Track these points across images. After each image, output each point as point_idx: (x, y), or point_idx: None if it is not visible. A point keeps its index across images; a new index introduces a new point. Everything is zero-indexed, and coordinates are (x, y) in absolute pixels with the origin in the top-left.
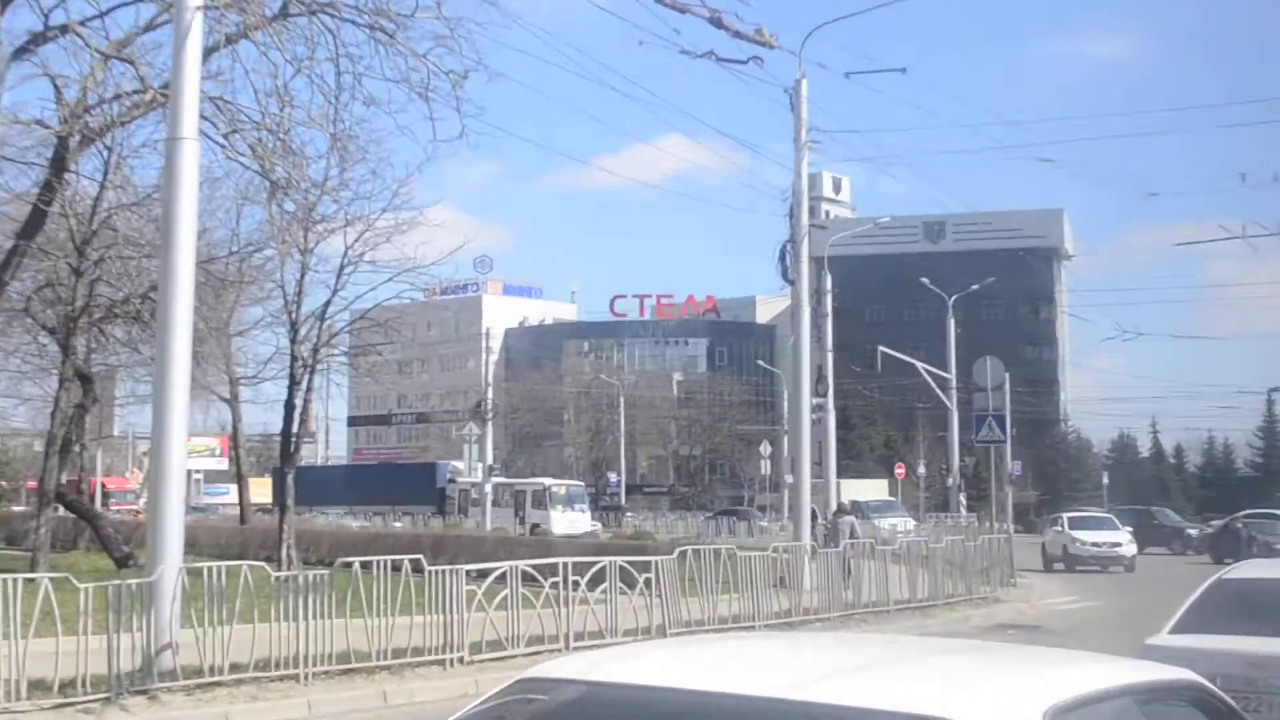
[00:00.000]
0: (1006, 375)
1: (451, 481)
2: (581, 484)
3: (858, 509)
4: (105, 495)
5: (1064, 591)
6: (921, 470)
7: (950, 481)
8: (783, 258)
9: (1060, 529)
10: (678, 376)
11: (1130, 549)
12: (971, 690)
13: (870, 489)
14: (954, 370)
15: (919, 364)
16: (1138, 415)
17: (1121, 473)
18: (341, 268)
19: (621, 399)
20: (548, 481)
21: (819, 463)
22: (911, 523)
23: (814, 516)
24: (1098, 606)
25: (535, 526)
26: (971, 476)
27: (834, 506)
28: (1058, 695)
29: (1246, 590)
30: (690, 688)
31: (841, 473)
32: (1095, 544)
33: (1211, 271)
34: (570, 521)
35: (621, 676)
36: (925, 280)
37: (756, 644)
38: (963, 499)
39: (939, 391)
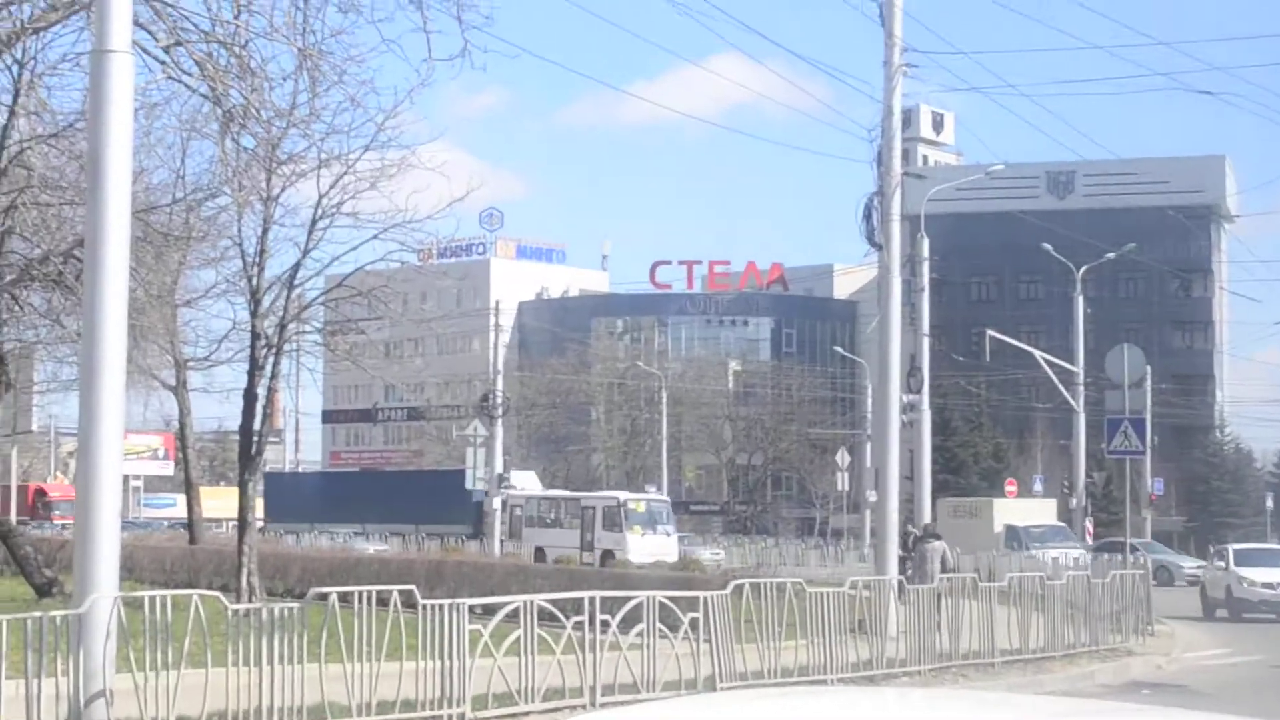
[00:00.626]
0: (1148, 369)
1: (487, 495)
2: (667, 499)
3: (1013, 536)
4: (44, 505)
5: (1213, 643)
6: (1038, 488)
7: (1074, 503)
8: (868, 216)
9: (1224, 565)
10: (734, 365)
11: None
12: None
13: (1032, 510)
14: (1081, 362)
15: (1037, 353)
16: None
17: None
18: (314, 221)
19: (664, 393)
20: (622, 495)
21: (910, 477)
22: (1085, 554)
23: (907, 543)
24: (1257, 663)
25: (608, 554)
26: (1101, 496)
27: (916, 529)
28: None
29: None
30: None
31: (941, 490)
32: (1270, 585)
33: None
34: (652, 547)
35: None
36: (1048, 246)
37: (834, 701)
38: (1089, 524)
39: (1062, 389)
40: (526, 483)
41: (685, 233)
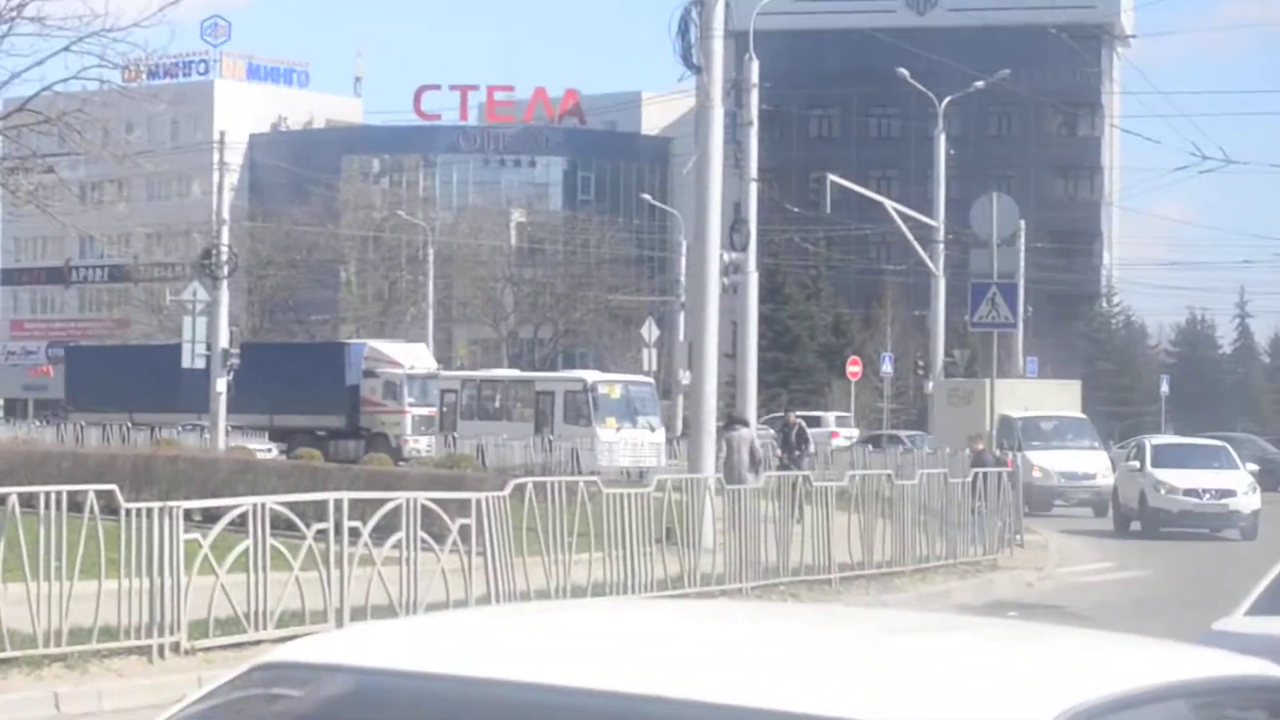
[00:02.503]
0: (1022, 224)
1: (371, 375)
2: (650, 381)
3: (1009, 431)
4: None
5: (1093, 555)
6: (887, 368)
7: (930, 386)
8: (684, 31)
9: (1139, 466)
10: (518, 216)
11: (1250, 500)
12: (947, 688)
13: (1042, 395)
14: (943, 215)
15: (889, 203)
16: (1218, 289)
17: (1191, 377)
18: None
19: (431, 250)
20: (591, 376)
21: (732, 354)
22: (1106, 462)
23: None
24: (1145, 579)
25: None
26: (963, 379)
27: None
28: (1078, 694)
29: None
30: (519, 679)
31: (770, 368)
32: (1192, 491)
33: None
34: (630, 445)
35: (415, 661)
36: (904, 72)
37: (624, 616)
38: None
39: (918, 247)
40: (416, 359)
41: (459, 52)
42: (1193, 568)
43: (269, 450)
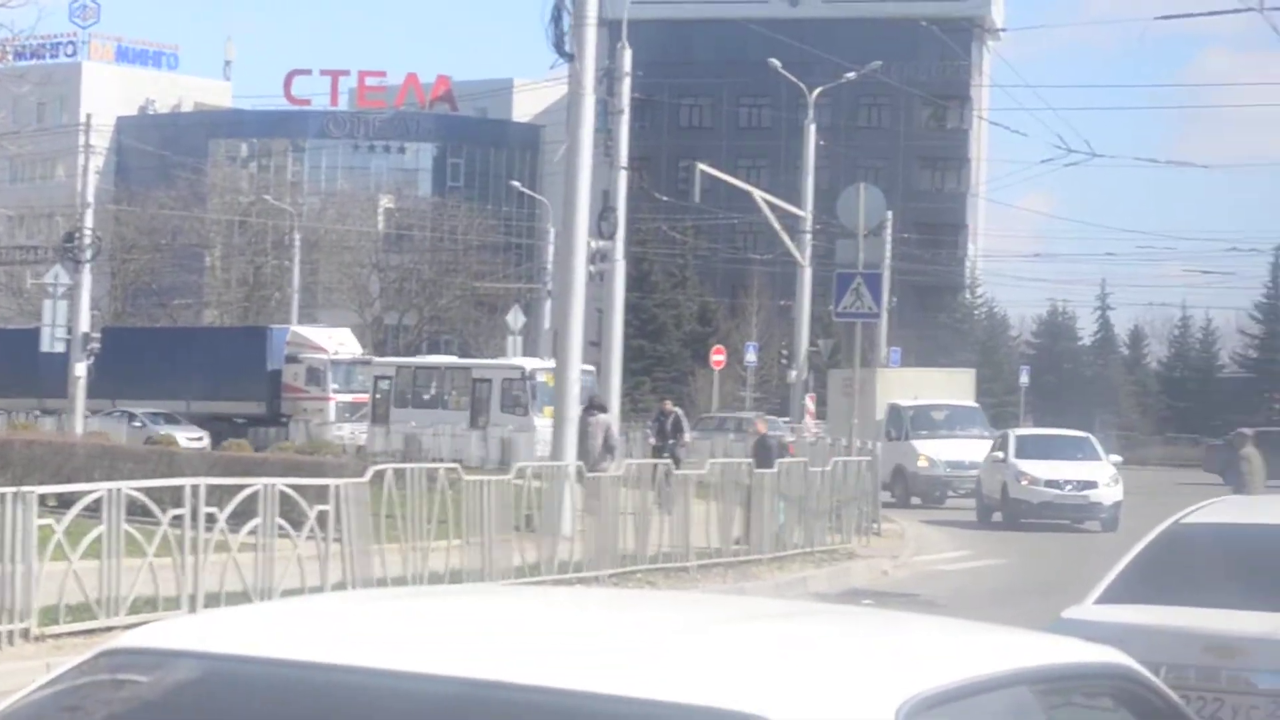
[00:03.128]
0: (889, 214)
1: (294, 360)
2: (592, 369)
3: (896, 420)
4: None
5: (950, 544)
6: (751, 358)
7: (793, 375)
8: (556, 19)
9: (1003, 457)
10: (386, 202)
11: (1111, 492)
12: (789, 672)
13: (935, 384)
14: (811, 205)
15: (757, 193)
16: (1080, 281)
17: (1050, 369)
18: None
19: (297, 235)
20: (530, 364)
21: (597, 342)
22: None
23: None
24: (1001, 568)
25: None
26: (826, 368)
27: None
28: (919, 683)
29: (1212, 542)
30: (365, 665)
31: (636, 356)
32: (1054, 483)
33: (1205, 65)
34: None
35: (264, 647)
36: (775, 63)
37: (475, 603)
38: (809, 402)
39: (784, 237)
40: (341, 344)
41: (329, 36)
42: (1050, 558)
43: (200, 439)
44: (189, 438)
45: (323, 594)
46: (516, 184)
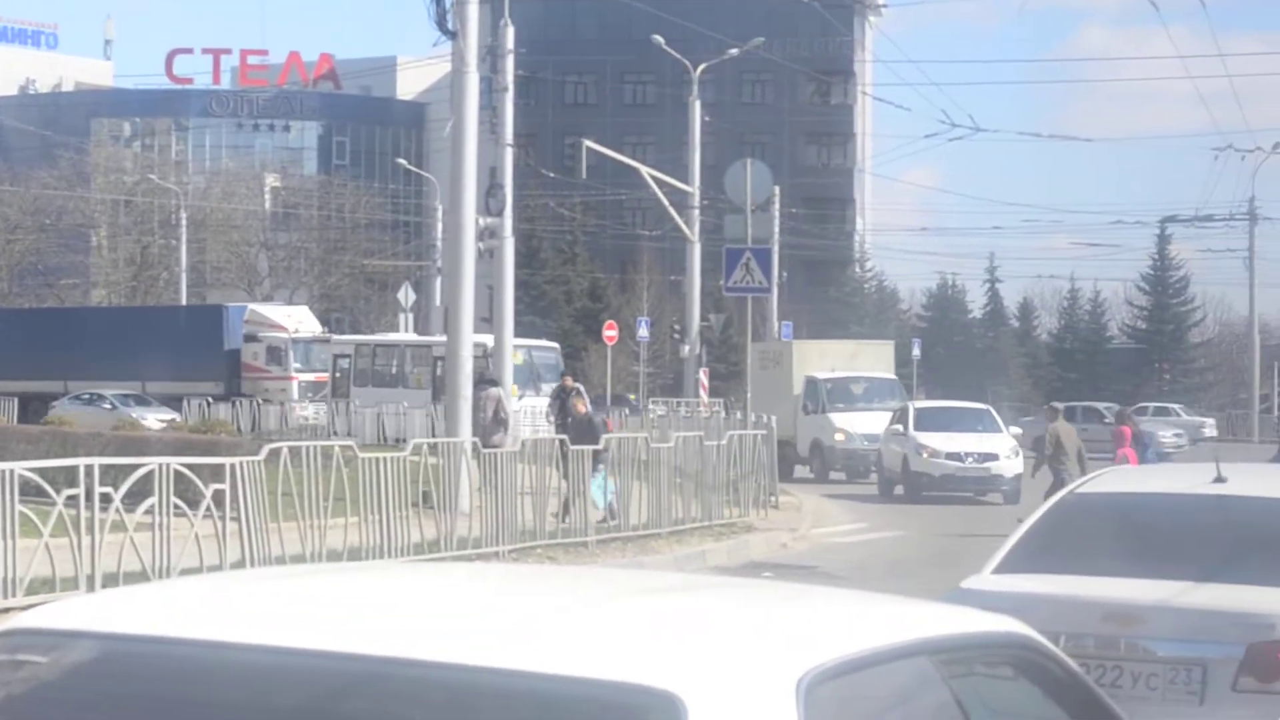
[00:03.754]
0: (776, 190)
1: (252, 339)
2: (555, 346)
3: (814, 393)
4: None
5: (848, 517)
6: (644, 333)
7: (686, 350)
8: None
9: (902, 429)
10: (272, 180)
11: (1013, 465)
12: (690, 645)
13: (854, 356)
14: (698, 181)
15: (644, 169)
16: (968, 255)
17: (941, 341)
18: None
19: (184, 214)
20: (491, 341)
21: (488, 318)
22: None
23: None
24: (899, 540)
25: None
26: (719, 343)
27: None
28: (819, 655)
29: (1108, 510)
30: (264, 643)
31: (527, 333)
32: (955, 455)
33: (1084, 39)
34: (533, 412)
35: (161, 626)
36: (659, 39)
37: (371, 580)
38: (704, 377)
39: (673, 213)
40: (300, 322)
41: (211, 14)
42: (949, 530)
43: (173, 419)
44: (160, 419)
45: (221, 572)
46: (403, 162)
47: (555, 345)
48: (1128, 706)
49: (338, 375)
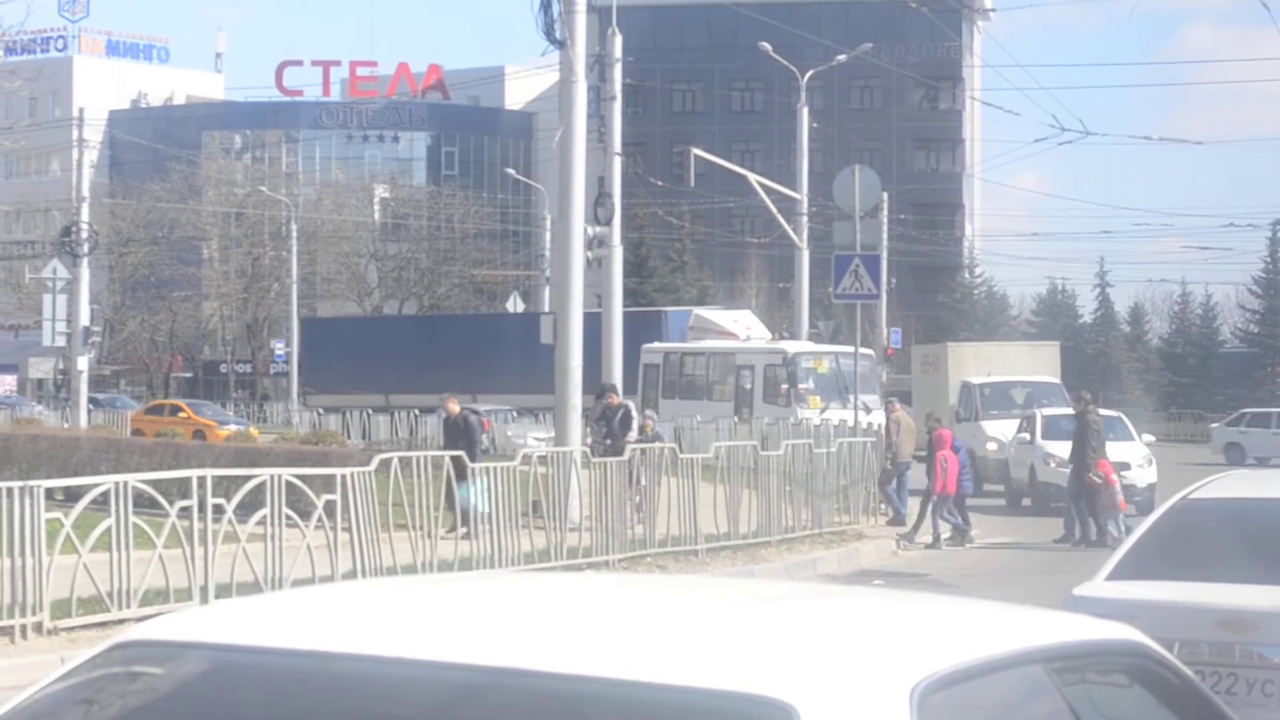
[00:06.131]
0: (885, 196)
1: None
2: (870, 353)
3: (968, 399)
4: None
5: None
6: None
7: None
8: (546, 5)
9: (1030, 438)
10: (382, 191)
11: (1145, 474)
12: (804, 654)
13: (1015, 359)
14: (806, 188)
15: (753, 177)
16: (1078, 259)
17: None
18: None
19: (294, 225)
20: (792, 347)
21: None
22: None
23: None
24: (1011, 548)
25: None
26: (934, 345)
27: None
28: (933, 663)
29: (1221, 516)
30: (379, 654)
31: (633, 340)
32: None
33: (1192, 41)
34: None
35: (274, 637)
36: (766, 46)
37: (484, 590)
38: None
39: (782, 220)
40: (749, 328)
41: (320, 26)
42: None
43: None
44: (536, 438)
45: (334, 583)
46: (511, 171)
47: (869, 352)
48: (1243, 713)
49: (645, 386)
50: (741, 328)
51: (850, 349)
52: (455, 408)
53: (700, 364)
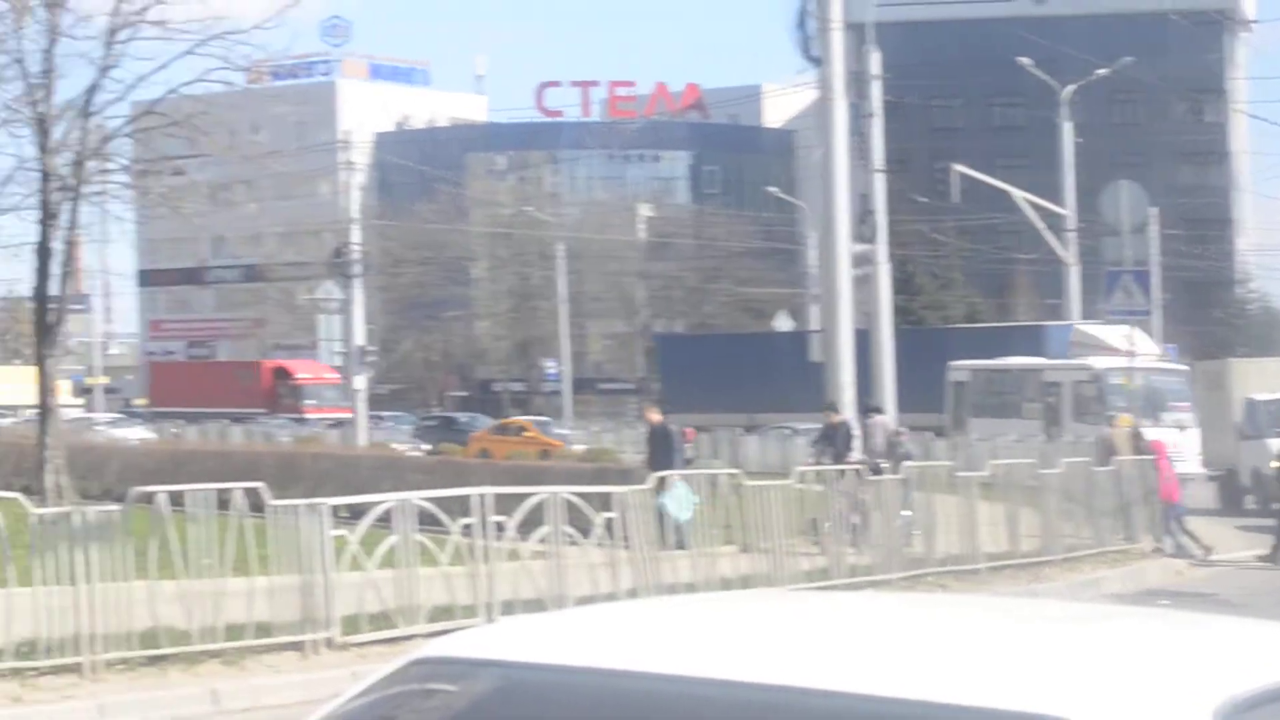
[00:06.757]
0: (1153, 211)
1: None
2: (1183, 368)
3: (1253, 416)
4: (291, 390)
5: (1244, 543)
6: None
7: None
8: (802, 23)
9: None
10: (646, 210)
11: None
12: (1100, 676)
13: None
14: (1072, 203)
15: (1017, 192)
16: None
17: None
18: (112, 32)
19: (561, 246)
20: (1099, 363)
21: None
22: None
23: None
24: None
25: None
26: (1216, 360)
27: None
28: (1234, 685)
29: None
30: (670, 672)
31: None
32: None
33: None
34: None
35: (567, 655)
36: (1027, 61)
37: (769, 608)
38: None
39: (1048, 236)
40: (1136, 344)
41: (579, 47)
42: None
43: None
44: None
45: (621, 601)
46: (773, 190)
47: (1183, 367)
48: None
49: (955, 404)
50: (1128, 344)
51: (1162, 365)
52: (656, 417)
53: (1008, 382)
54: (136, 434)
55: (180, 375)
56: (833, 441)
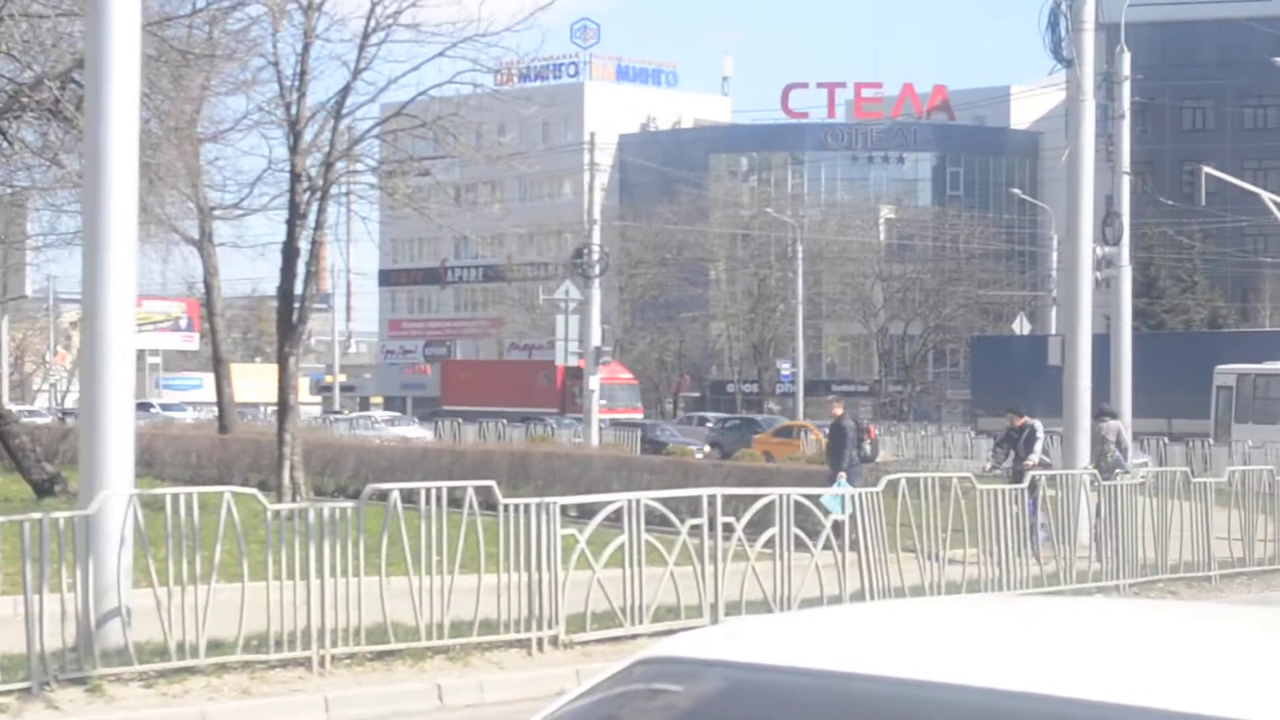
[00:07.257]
0: None
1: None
2: None
3: None
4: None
5: None
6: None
7: None
8: (1054, 24)
9: None
10: (887, 212)
11: None
12: None
13: None
14: None
15: (1266, 195)
16: None
17: None
18: (366, 35)
19: (799, 246)
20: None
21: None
22: None
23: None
24: None
25: None
26: None
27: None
28: None
29: None
30: (896, 675)
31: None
32: None
33: None
34: None
35: (792, 657)
36: (1278, 62)
37: (998, 613)
38: None
39: None
40: None
41: (825, 49)
42: None
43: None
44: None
45: (849, 604)
46: (1017, 191)
47: None
48: None
49: (1219, 410)
50: None
51: None
52: (838, 411)
53: (1270, 385)
54: (413, 433)
55: (471, 374)
56: (1015, 443)
